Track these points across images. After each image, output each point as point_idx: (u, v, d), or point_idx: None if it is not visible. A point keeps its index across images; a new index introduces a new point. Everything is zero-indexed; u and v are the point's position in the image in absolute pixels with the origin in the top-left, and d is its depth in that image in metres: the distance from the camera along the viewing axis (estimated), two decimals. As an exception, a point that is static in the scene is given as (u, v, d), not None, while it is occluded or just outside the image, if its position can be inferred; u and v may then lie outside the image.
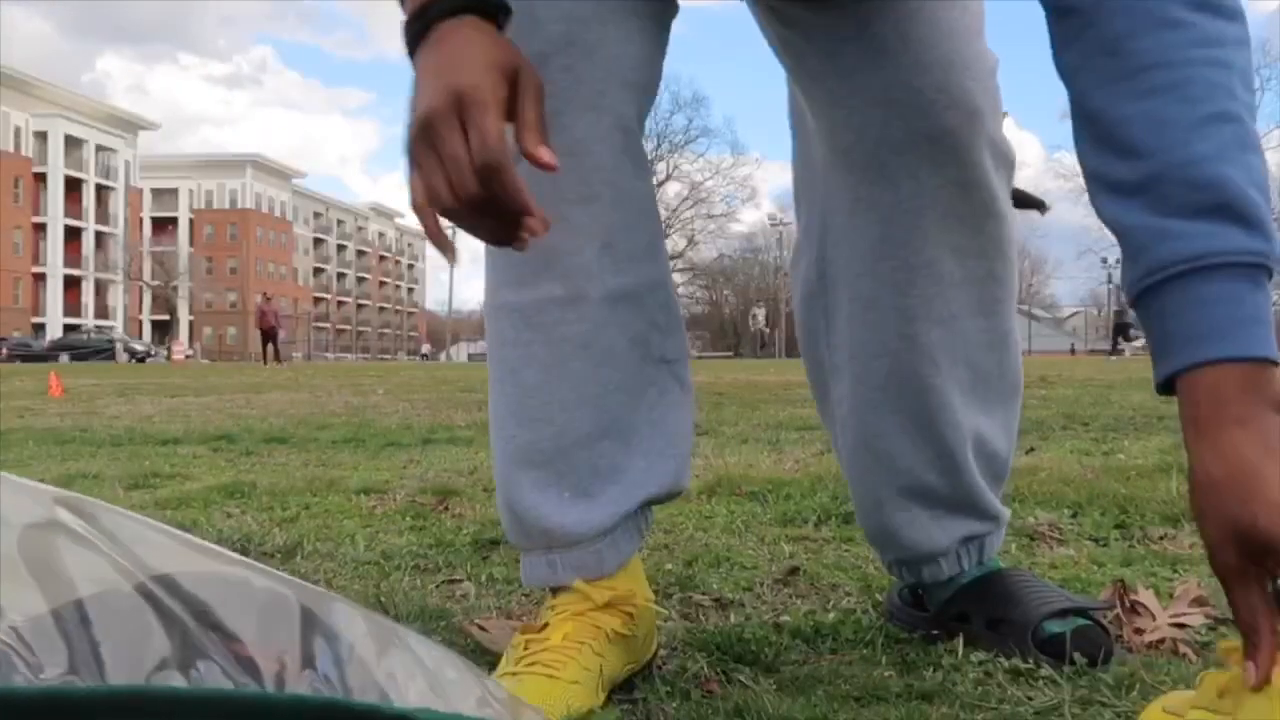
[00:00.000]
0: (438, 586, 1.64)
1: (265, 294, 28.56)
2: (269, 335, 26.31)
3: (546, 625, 1.09)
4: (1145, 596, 1.33)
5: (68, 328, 59.31)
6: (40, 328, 59.65)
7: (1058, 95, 1.01)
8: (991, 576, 1.29)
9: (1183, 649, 1.23)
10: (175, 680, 0.40)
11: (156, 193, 79.10)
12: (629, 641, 1.11)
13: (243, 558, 0.52)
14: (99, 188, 65.83)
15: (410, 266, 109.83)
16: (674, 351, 1.17)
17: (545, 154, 0.85)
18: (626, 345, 1.11)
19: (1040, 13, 0.93)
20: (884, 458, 1.26)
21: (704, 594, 1.55)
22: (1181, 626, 1.28)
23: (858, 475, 1.31)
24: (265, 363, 25.29)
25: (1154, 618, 1.29)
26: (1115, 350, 28.70)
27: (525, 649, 1.07)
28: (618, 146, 1.08)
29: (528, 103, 0.87)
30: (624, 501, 1.12)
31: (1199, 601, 1.44)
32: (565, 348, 1.09)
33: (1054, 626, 1.18)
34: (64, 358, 39.07)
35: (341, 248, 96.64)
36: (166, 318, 72.45)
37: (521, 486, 1.12)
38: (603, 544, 1.12)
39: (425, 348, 77.92)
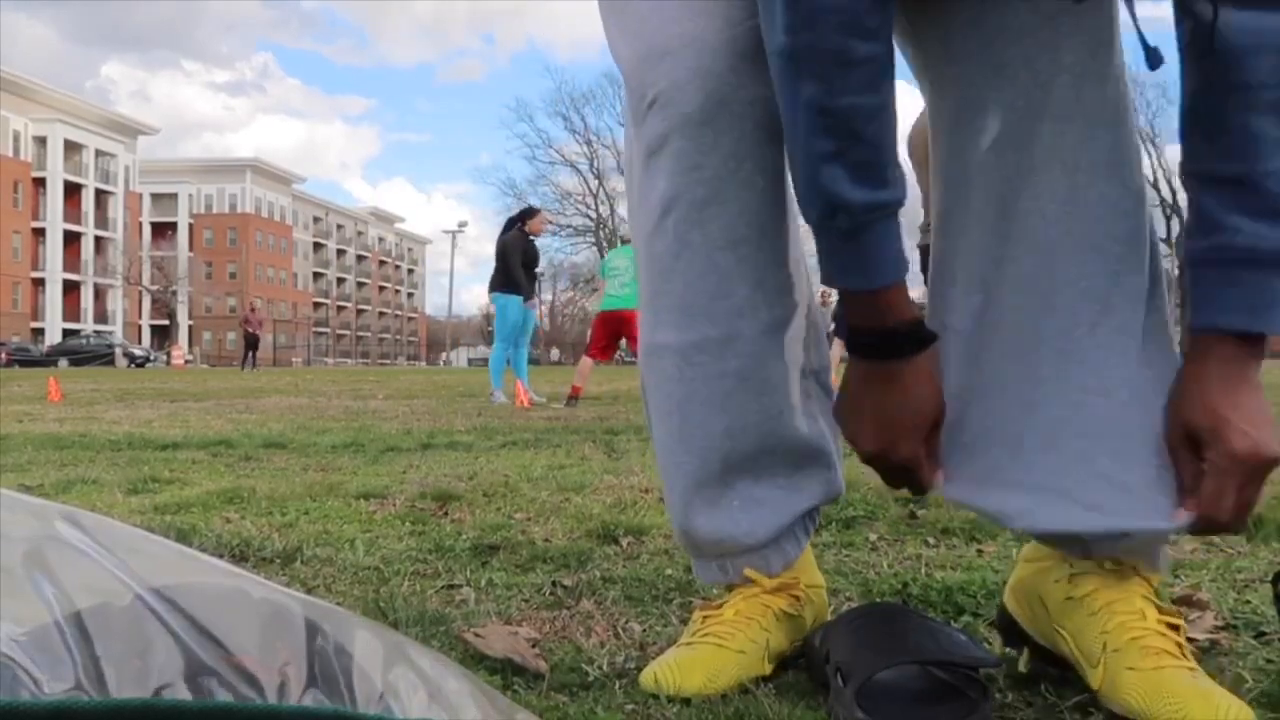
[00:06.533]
0: (437, 592, 1.64)
1: (252, 305, 29.18)
2: (252, 341, 26.95)
3: (724, 604, 1.21)
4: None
5: (67, 332, 59.30)
6: (39, 332, 59.65)
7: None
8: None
9: (1184, 654, 1.22)
10: (180, 693, 0.40)
11: (156, 197, 78.96)
12: (796, 621, 1.22)
13: (240, 570, 0.52)
14: (98, 192, 65.78)
15: (410, 271, 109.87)
16: (819, 361, 1.23)
17: (939, 478, 1.10)
18: (784, 369, 1.17)
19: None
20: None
21: (705, 599, 1.55)
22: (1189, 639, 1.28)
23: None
24: (245, 367, 25.98)
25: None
26: None
27: (702, 623, 1.20)
28: (760, 189, 1.12)
29: (933, 437, 1.09)
30: (788, 510, 1.20)
31: (1200, 605, 1.44)
32: (726, 383, 1.16)
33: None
34: (63, 362, 39.10)
35: (341, 252, 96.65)
36: (166, 322, 72.36)
37: (694, 506, 1.19)
38: (770, 550, 1.21)
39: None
